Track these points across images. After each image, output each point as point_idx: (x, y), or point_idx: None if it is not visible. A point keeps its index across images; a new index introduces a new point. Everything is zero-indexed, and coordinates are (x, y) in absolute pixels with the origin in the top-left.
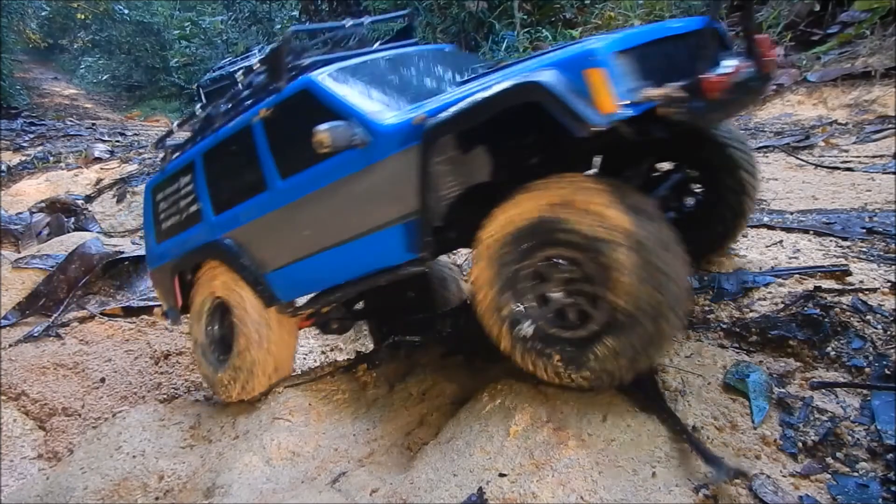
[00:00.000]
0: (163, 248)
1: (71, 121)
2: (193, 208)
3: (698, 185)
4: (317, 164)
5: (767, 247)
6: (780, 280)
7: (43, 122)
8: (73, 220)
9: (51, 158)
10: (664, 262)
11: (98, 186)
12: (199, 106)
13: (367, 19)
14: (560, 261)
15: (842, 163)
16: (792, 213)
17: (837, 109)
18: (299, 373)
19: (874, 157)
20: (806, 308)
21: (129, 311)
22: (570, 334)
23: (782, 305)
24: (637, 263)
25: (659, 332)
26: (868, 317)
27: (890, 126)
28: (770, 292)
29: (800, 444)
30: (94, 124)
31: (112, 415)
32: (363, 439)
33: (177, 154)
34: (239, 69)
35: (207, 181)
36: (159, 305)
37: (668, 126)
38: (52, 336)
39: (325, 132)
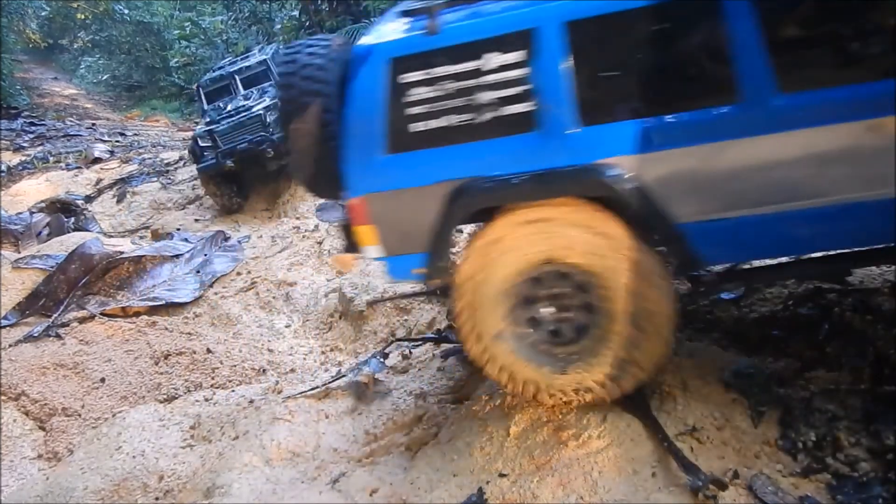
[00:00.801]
0: (409, 162)
1: (71, 121)
2: (517, 107)
3: None
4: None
5: None
6: (780, 280)
7: (43, 122)
8: (73, 220)
9: (51, 158)
10: None
11: (98, 186)
12: None
13: None
14: None
15: None
16: None
17: None
18: (298, 373)
19: None
20: (806, 308)
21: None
22: None
23: (782, 305)
24: None
25: None
26: (868, 317)
27: None
28: (770, 292)
29: (800, 444)
30: (94, 124)
31: (112, 415)
32: (363, 439)
33: (461, 10)
34: None
35: (577, 70)
36: (350, 250)
37: None
38: (52, 336)
39: None
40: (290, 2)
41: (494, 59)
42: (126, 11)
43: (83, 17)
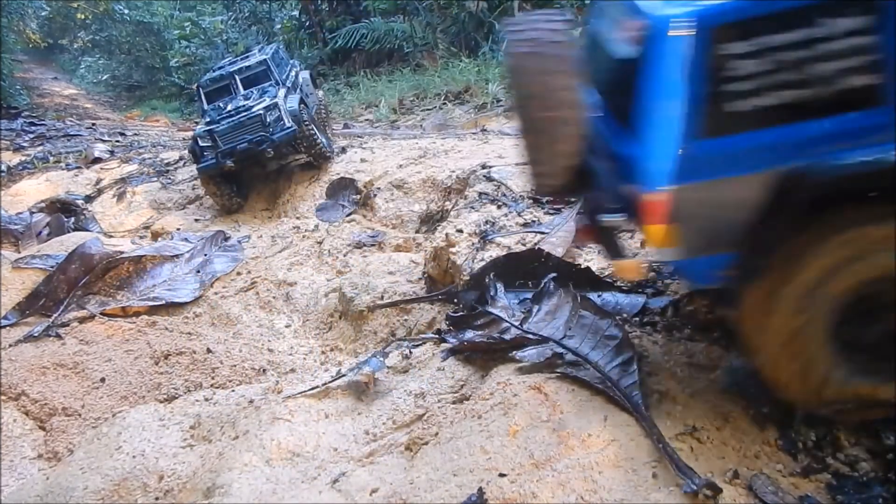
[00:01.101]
0: (730, 147)
1: (71, 121)
2: (861, 80)
3: None
4: None
5: None
6: None
7: (43, 122)
8: (73, 220)
9: (51, 158)
10: None
11: (98, 186)
12: None
13: None
14: None
15: None
16: None
17: None
18: (298, 373)
19: None
20: None
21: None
22: None
23: None
24: None
25: None
26: None
27: None
28: None
29: (800, 444)
30: (94, 124)
31: (112, 415)
32: (363, 439)
33: None
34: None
35: None
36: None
37: None
38: (52, 336)
39: None
40: (290, 2)
41: (834, 24)
42: (126, 11)
43: (83, 17)
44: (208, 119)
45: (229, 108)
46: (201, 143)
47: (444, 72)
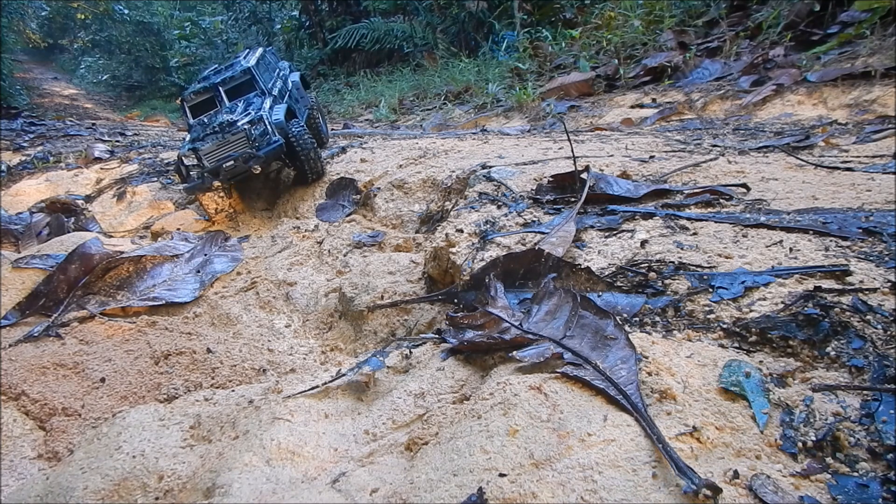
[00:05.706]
0: None
1: (71, 121)
2: None
3: None
4: None
5: (767, 247)
6: (780, 280)
7: (43, 122)
8: (73, 220)
9: (51, 158)
10: None
11: (98, 186)
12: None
13: None
14: None
15: (842, 163)
16: (789, 214)
17: (837, 109)
18: (298, 373)
19: (874, 157)
20: (806, 308)
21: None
22: None
23: (782, 305)
24: None
25: None
26: (868, 317)
27: (890, 126)
28: (770, 292)
29: (800, 444)
30: (94, 124)
31: (112, 415)
32: (363, 439)
33: None
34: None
35: None
36: None
37: None
38: (52, 336)
39: None
40: (290, 2)
41: None
42: (126, 11)
43: (83, 17)
44: (193, 136)
45: (214, 123)
46: (186, 163)
47: (444, 72)
